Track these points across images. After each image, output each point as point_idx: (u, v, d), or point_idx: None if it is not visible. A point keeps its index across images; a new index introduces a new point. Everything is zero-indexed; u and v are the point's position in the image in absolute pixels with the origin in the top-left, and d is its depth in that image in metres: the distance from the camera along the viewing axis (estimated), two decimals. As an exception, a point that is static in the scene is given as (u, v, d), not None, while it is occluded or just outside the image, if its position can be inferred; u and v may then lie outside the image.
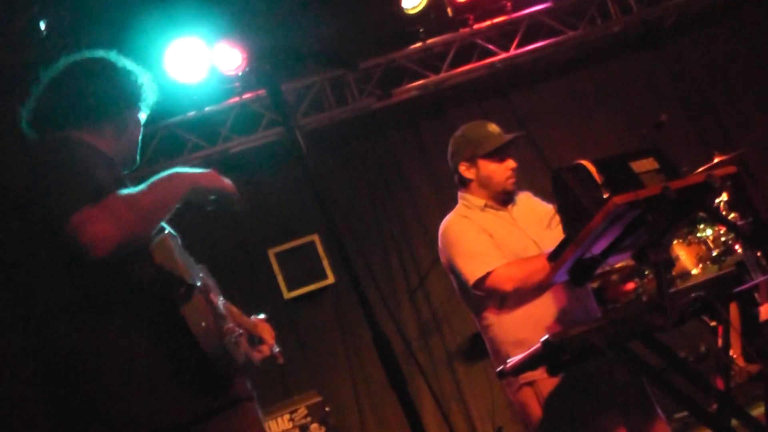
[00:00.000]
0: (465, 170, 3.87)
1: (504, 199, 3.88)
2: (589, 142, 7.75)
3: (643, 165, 3.05)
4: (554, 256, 3.13)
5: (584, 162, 3.01)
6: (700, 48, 8.38)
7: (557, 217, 3.69)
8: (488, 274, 3.60)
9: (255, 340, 3.07)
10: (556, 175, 3.06)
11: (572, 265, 3.13)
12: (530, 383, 3.55)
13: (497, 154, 3.81)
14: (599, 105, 8.14)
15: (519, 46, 7.66)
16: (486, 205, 3.84)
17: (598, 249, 3.09)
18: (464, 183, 3.91)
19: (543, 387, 3.53)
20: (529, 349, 3.14)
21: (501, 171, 3.83)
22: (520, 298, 3.62)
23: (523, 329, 3.59)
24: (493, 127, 3.90)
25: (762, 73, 8.31)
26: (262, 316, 3.50)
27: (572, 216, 3.01)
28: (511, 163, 3.84)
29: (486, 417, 7.02)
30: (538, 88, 8.16)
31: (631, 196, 2.81)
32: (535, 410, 3.57)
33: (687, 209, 3.08)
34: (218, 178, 2.73)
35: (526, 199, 3.98)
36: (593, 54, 8.21)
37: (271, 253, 7.25)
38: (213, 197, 2.69)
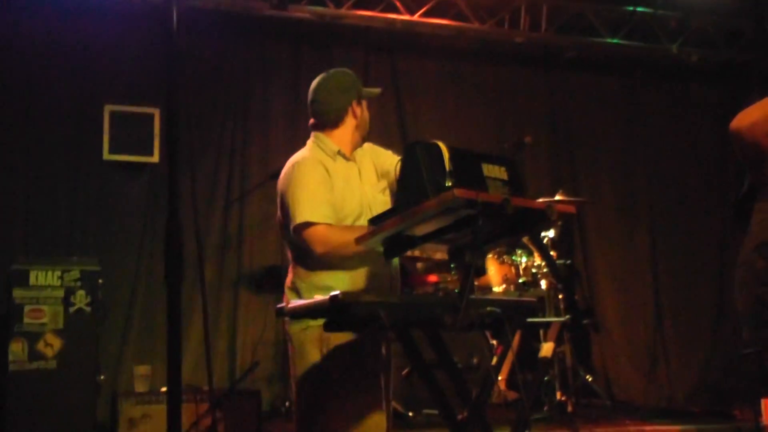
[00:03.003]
0: (356, 107, 3.83)
1: (359, 144, 3.89)
2: (451, 131, 7.82)
3: (494, 171, 3.05)
4: (376, 221, 3.10)
5: (441, 145, 2.98)
6: (585, 90, 8.61)
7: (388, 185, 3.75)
8: (309, 224, 3.57)
9: None
10: (410, 148, 3.03)
11: (389, 237, 3.11)
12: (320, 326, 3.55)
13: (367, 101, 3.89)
14: (476, 102, 8.25)
15: (424, 15, 7.60)
16: (339, 152, 3.80)
17: (419, 231, 3.07)
18: (339, 122, 3.83)
19: (332, 335, 3.50)
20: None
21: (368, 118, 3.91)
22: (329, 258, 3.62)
23: (332, 278, 3.60)
24: None
25: (630, 136, 8.63)
26: None
27: (410, 191, 2.98)
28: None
29: (248, 347, 7.00)
30: (426, 62, 8.18)
31: (473, 194, 2.80)
32: (314, 354, 3.57)
33: (517, 229, 3.11)
34: None
35: (370, 150, 3.98)
36: (490, 53, 8.28)
37: (108, 109, 6.96)
38: None
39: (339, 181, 3.72)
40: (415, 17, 7.59)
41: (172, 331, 2.09)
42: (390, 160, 4.01)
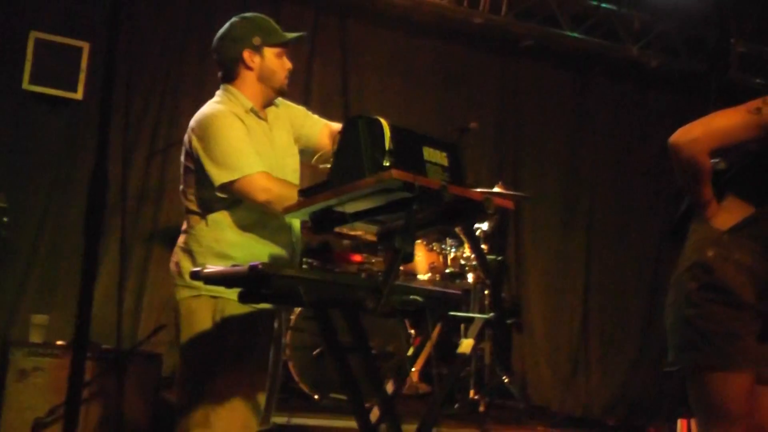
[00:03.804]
0: (249, 57, 3.79)
1: (272, 99, 3.88)
2: (395, 107, 7.85)
3: (434, 155, 3.07)
4: (308, 193, 3.11)
5: (384, 122, 2.99)
6: (538, 82, 8.70)
7: (327, 156, 3.77)
8: (243, 177, 3.55)
9: None
10: (352, 121, 3.03)
11: (319, 211, 3.12)
12: (215, 296, 3.56)
13: (282, 49, 3.84)
14: (425, 80, 8.28)
15: (383, -19, 7.61)
16: (252, 110, 3.78)
17: (351, 209, 3.09)
18: (235, 74, 3.83)
19: (227, 306, 3.55)
20: (227, 266, 3.19)
21: (282, 68, 3.84)
22: (253, 216, 3.64)
23: (233, 247, 3.63)
24: (276, 24, 3.92)
25: (578, 135, 8.74)
26: None
27: (346, 166, 2.99)
28: (288, 63, 3.87)
29: (155, 308, 6.90)
30: (378, 32, 8.17)
31: (410, 176, 2.81)
32: (204, 323, 3.58)
33: (452, 217, 3.14)
34: None
35: (285, 109, 4.00)
36: (446, 31, 8.30)
37: (33, 35, 6.79)
38: None
39: (253, 138, 3.70)
40: (374, -18, 7.59)
41: (86, 285, 2.06)
42: (308, 122, 4.03)
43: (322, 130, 4.02)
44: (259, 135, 3.75)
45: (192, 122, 3.75)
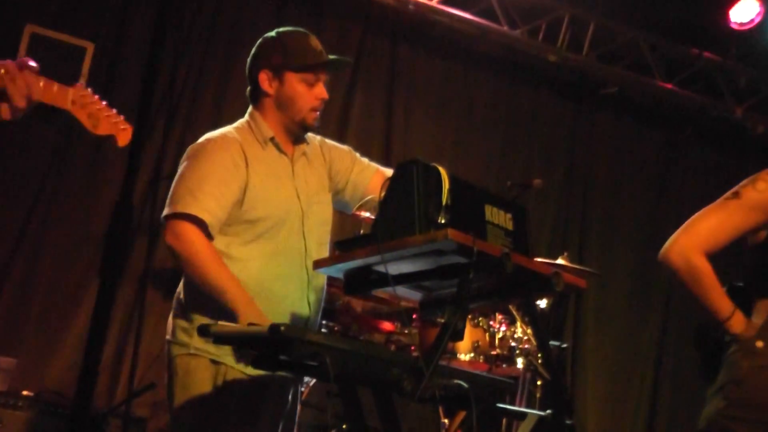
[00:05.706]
0: (265, 81, 3.78)
1: (297, 133, 3.86)
2: (446, 151, 7.89)
3: (498, 216, 3.08)
4: (344, 246, 3.11)
5: (443, 171, 2.98)
6: (618, 137, 8.72)
7: (370, 204, 3.77)
8: (174, 214, 3.51)
9: None
10: (405, 166, 3.01)
11: (356, 269, 3.12)
12: (217, 362, 3.55)
13: (311, 74, 3.77)
14: (483, 121, 8.34)
15: (445, 2, 7.70)
16: (272, 140, 3.77)
17: (394, 270, 3.08)
18: (257, 98, 3.84)
19: (229, 373, 3.55)
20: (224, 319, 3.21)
21: (308, 97, 3.78)
22: (259, 262, 3.63)
23: None
24: (316, 43, 3.84)
25: (661, 205, 8.72)
26: None
27: (393, 218, 2.98)
28: (322, 92, 3.81)
29: (142, 362, 6.76)
30: (433, 60, 8.25)
31: (468, 239, 2.82)
32: (203, 385, 3.56)
33: (511, 291, 3.15)
34: None
35: (321, 149, 3.99)
36: (513, 66, 8.38)
37: (28, 30, 6.89)
38: None
39: (259, 174, 3.68)
40: (433, 2, 7.67)
41: (94, 335, 2.10)
42: (356, 167, 4.01)
43: (374, 177, 3.99)
44: (274, 173, 3.74)
45: None
